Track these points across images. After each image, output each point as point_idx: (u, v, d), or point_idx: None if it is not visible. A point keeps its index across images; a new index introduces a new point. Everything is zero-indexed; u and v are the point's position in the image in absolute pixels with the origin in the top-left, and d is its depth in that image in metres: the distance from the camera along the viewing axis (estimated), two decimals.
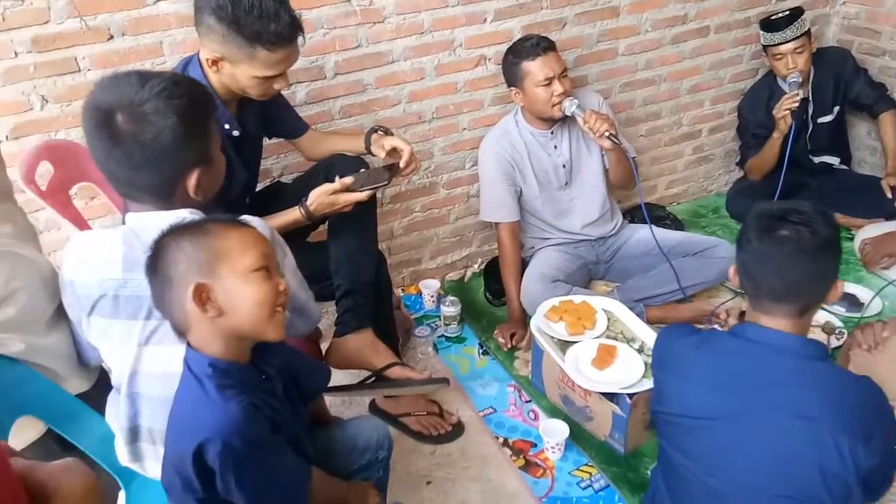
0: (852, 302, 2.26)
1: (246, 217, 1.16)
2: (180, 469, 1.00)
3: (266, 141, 1.93)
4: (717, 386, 1.23)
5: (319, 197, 1.66)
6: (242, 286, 1.03)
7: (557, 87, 2.11)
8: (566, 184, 2.37)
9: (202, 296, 1.01)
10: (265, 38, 1.45)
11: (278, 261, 1.23)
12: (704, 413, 1.24)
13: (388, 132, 1.93)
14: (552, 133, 2.29)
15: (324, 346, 1.83)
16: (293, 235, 1.68)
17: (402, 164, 1.80)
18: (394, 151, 1.84)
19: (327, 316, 2.12)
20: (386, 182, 1.75)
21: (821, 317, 2.14)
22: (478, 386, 2.12)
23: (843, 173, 2.79)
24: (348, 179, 1.68)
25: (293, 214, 1.68)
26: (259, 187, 1.95)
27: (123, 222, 1.22)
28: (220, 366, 1.04)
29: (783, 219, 1.18)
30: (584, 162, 2.37)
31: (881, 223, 2.48)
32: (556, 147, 2.31)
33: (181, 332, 1.07)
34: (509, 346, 2.23)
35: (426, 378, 1.74)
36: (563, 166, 2.33)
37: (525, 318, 2.28)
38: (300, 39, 1.54)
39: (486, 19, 2.23)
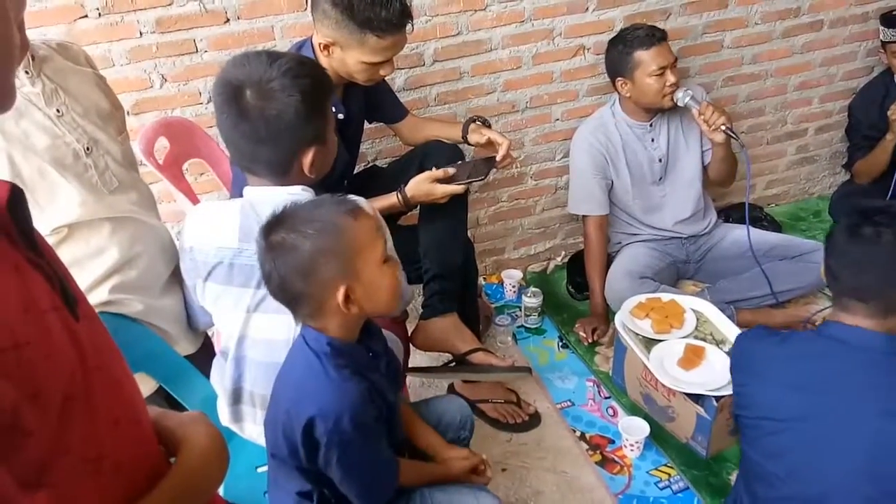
0: None
1: (353, 197, 1.21)
2: (290, 435, 1.06)
3: (366, 125, 1.98)
4: (802, 386, 1.22)
5: (419, 184, 1.70)
6: (380, 279, 1.07)
7: (671, 77, 2.07)
8: (660, 179, 2.31)
9: (349, 297, 1.05)
10: (376, 25, 1.50)
11: None
12: (789, 415, 1.23)
13: (486, 123, 1.95)
14: (651, 126, 2.24)
15: (410, 327, 1.87)
16: (386, 218, 1.72)
17: (498, 158, 1.81)
18: (489, 143, 1.85)
19: (414, 299, 2.17)
20: (484, 177, 1.77)
21: None
22: (556, 378, 2.12)
23: None
24: (451, 169, 1.72)
25: (391, 199, 1.72)
26: (356, 170, 2.01)
27: (232, 198, 1.29)
28: (337, 345, 1.08)
29: (868, 217, 1.18)
30: (681, 156, 2.31)
31: None
32: (653, 140, 2.26)
33: (305, 317, 1.09)
34: (590, 340, 2.21)
35: (509, 366, 1.76)
36: (659, 160, 2.28)
37: (608, 314, 2.26)
38: (409, 27, 1.58)
39: (588, 8, 2.20)
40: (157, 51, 1.87)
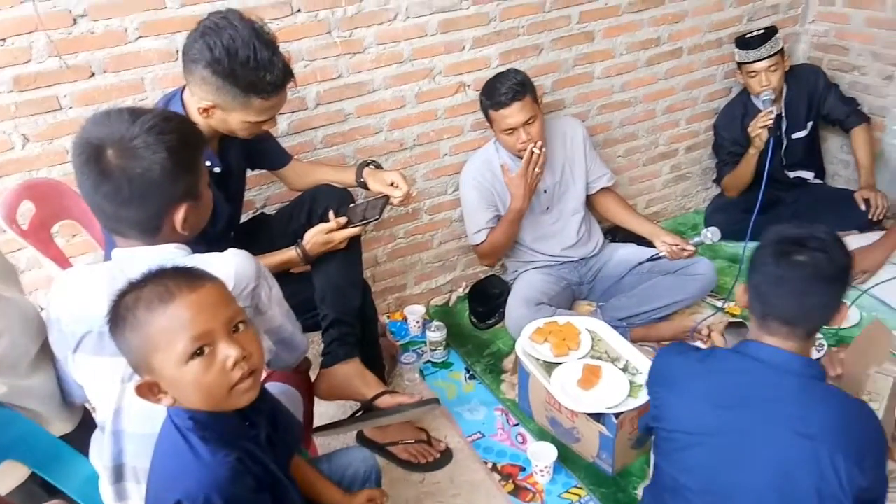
0: None
1: (230, 252, 1.17)
2: None
3: (249, 172, 1.94)
4: (719, 402, 1.24)
5: (315, 237, 1.69)
6: (181, 377, 0.96)
7: (522, 136, 2.15)
8: (548, 208, 2.40)
9: (153, 390, 0.98)
10: (260, 88, 1.48)
11: (258, 301, 1.23)
12: (705, 429, 1.25)
13: (379, 166, 1.97)
14: None
15: (314, 376, 1.83)
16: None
17: (398, 200, 1.82)
18: (392, 186, 1.86)
19: (314, 346, 2.12)
20: (378, 216, 1.79)
21: None
22: (465, 411, 2.12)
23: (818, 187, 2.84)
24: (343, 219, 1.71)
25: (288, 255, 1.71)
26: (243, 219, 1.96)
27: (106, 259, 1.22)
28: (201, 418, 1.00)
29: (801, 244, 1.20)
30: (568, 187, 2.41)
31: (855, 235, 2.52)
32: None
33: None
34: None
35: (417, 401, 1.75)
36: (545, 191, 2.36)
37: None
38: (291, 83, 1.57)
39: (464, 47, 2.27)
40: (17, 110, 1.77)
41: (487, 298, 2.52)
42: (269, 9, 1.93)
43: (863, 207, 2.60)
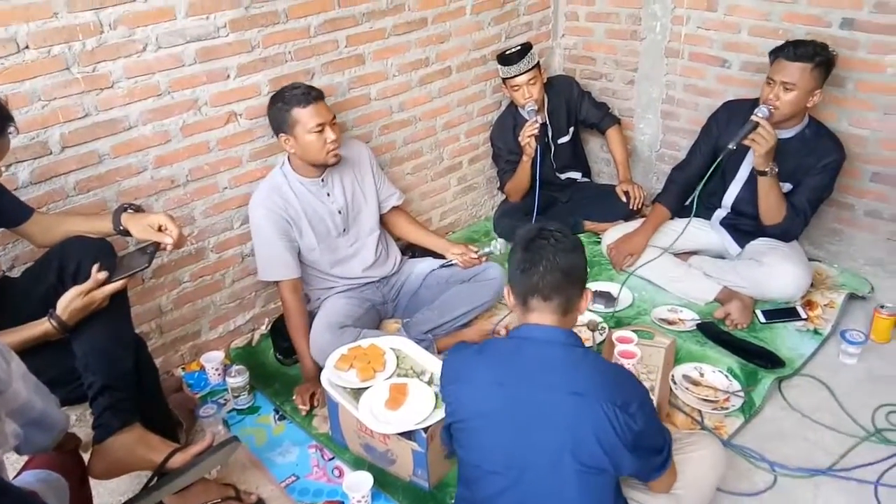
0: (608, 299, 2.53)
1: None
2: None
3: None
4: (502, 382, 1.38)
5: (72, 302, 1.50)
6: None
7: (330, 135, 2.12)
8: (344, 230, 2.37)
9: None
10: None
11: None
12: (493, 408, 1.37)
13: (139, 209, 1.79)
14: (323, 181, 2.28)
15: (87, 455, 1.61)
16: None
17: (170, 244, 1.67)
18: (160, 230, 1.70)
19: (81, 424, 1.87)
20: (147, 265, 1.63)
21: (584, 317, 2.36)
22: (277, 455, 2.01)
23: (586, 185, 3.13)
24: (102, 275, 1.53)
25: (40, 328, 1.50)
26: None
27: None
28: None
29: (539, 232, 1.43)
30: (361, 208, 2.39)
31: (621, 224, 2.81)
32: (328, 194, 2.30)
33: None
34: (308, 407, 2.15)
35: (212, 445, 1.62)
36: (339, 212, 2.33)
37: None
38: (12, 129, 1.38)
39: (229, 75, 2.17)
40: None
41: None
42: None
43: (624, 199, 2.89)
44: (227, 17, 2.09)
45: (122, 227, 1.73)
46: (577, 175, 3.11)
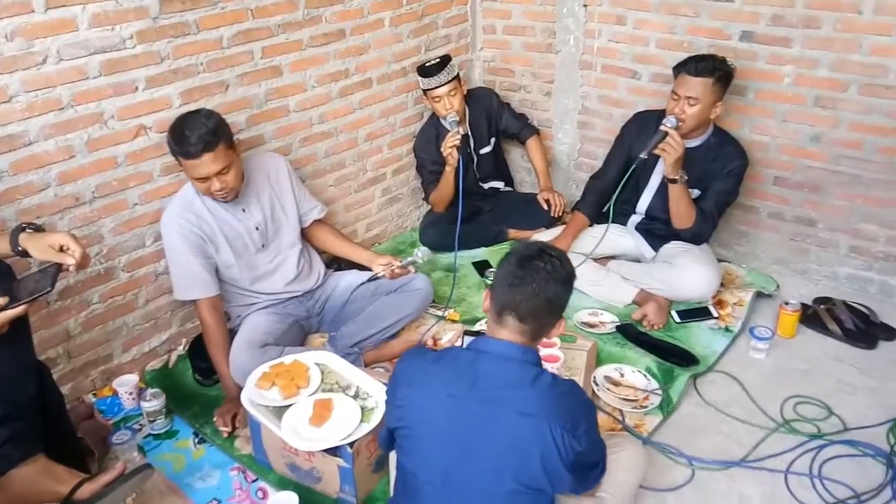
0: None
1: None
2: None
3: None
4: (453, 393, 1.36)
5: None
6: None
7: (216, 185, 2.04)
8: (263, 246, 2.31)
9: None
10: None
11: None
12: (440, 418, 1.37)
13: (40, 228, 1.69)
14: (237, 198, 2.22)
15: None
16: None
17: (72, 264, 1.58)
18: (63, 250, 1.60)
19: None
20: (50, 288, 1.54)
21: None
22: (196, 480, 1.93)
23: (509, 194, 3.18)
24: (2, 298, 1.44)
25: None
26: None
27: None
28: None
29: (540, 253, 1.41)
30: (279, 222, 2.34)
31: (543, 232, 2.87)
32: (244, 210, 2.24)
33: None
34: (231, 429, 2.08)
35: (124, 473, 1.54)
36: (257, 229, 2.27)
37: None
38: None
39: (137, 88, 2.09)
40: None
41: None
42: None
43: (545, 207, 2.96)
44: (134, 29, 2.02)
45: (20, 248, 1.62)
46: (500, 184, 3.16)
